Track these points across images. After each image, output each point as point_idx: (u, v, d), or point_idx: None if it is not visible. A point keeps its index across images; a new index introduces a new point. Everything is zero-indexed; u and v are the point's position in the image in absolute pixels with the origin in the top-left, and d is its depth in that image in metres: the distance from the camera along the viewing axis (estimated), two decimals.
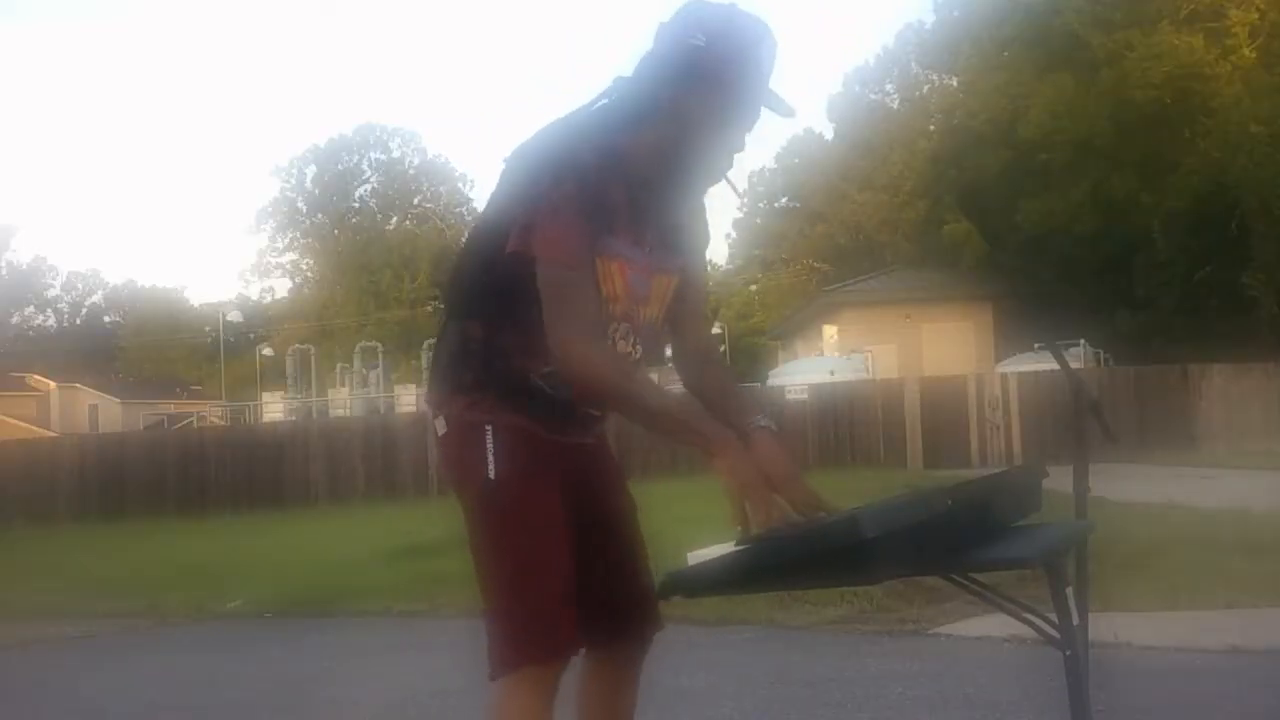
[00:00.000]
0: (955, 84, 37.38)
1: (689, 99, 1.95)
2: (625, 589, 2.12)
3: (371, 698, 4.73)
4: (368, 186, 65.53)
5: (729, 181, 2.09)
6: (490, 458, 2.01)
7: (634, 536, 2.20)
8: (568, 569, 1.99)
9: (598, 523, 2.12)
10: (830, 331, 27.95)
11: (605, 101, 2.04)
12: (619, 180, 1.98)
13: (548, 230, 1.91)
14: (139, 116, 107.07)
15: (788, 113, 1.99)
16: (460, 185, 67.01)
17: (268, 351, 48.79)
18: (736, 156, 2.04)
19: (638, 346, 2.09)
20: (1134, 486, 10.74)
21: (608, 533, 2.14)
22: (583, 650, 2.10)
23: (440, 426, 2.09)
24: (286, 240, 66.10)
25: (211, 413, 43.32)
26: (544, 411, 2.03)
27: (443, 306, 2.17)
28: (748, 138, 2.03)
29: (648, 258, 2.05)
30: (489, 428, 2.01)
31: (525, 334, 1.97)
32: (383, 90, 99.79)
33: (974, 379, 19.47)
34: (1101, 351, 23.95)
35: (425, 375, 2.15)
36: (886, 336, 27.72)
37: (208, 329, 62.10)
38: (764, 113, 2.00)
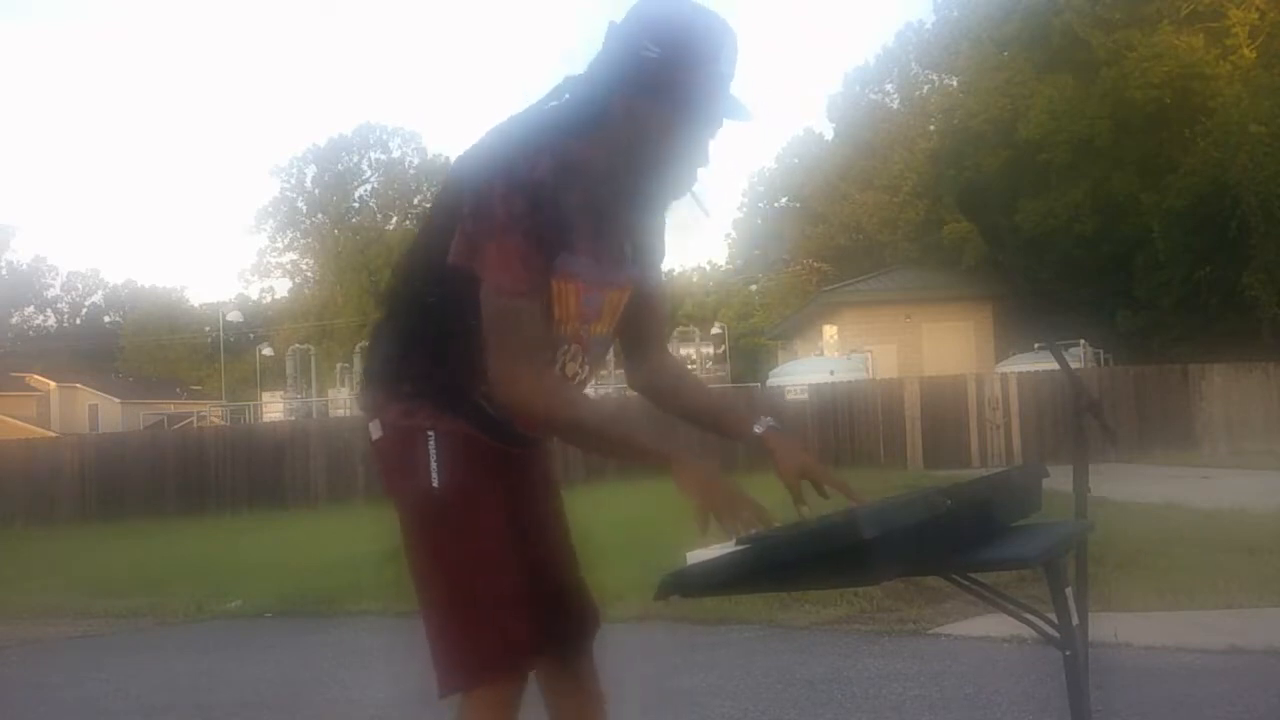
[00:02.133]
0: (955, 84, 37.36)
1: (643, 108, 1.85)
2: (567, 591, 2.09)
3: (371, 698, 4.74)
4: (368, 186, 65.56)
5: (695, 198, 2.00)
6: (434, 464, 1.92)
7: (567, 535, 2.16)
8: (519, 578, 1.93)
9: (536, 526, 2.08)
10: (830, 331, 27.94)
11: (556, 103, 1.94)
12: (574, 191, 1.87)
13: (494, 253, 1.82)
14: (139, 116, 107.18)
15: (746, 117, 1.89)
16: None
17: (268, 351, 48.80)
18: (701, 171, 1.94)
19: (585, 365, 2.03)
20: (1134, 486, 10.74)
21: (545, 536, 2.10)
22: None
23: (375, 431, 2.01)
24: (286, 240, 66.13)
25: (211, 413, 43.31)
26: (483, 424, 1.95)
27: (382, 306, 2.09)
28: (711, 150, 1.92)
29: (603, 274, 1.96)
30: (431, 434, 1.93)
31: (466, 348, 1.89)
32: (383, 90, 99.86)
33: (974, 379, 19.48)
34: (1101, 351, 23.95)
35: (362, 375, 2.07)
36: (886, 336, 27.73)
37: (208, 329, 62.14)
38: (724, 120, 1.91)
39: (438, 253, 1.91)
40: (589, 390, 2.13)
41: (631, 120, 1.87)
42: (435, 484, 1.93)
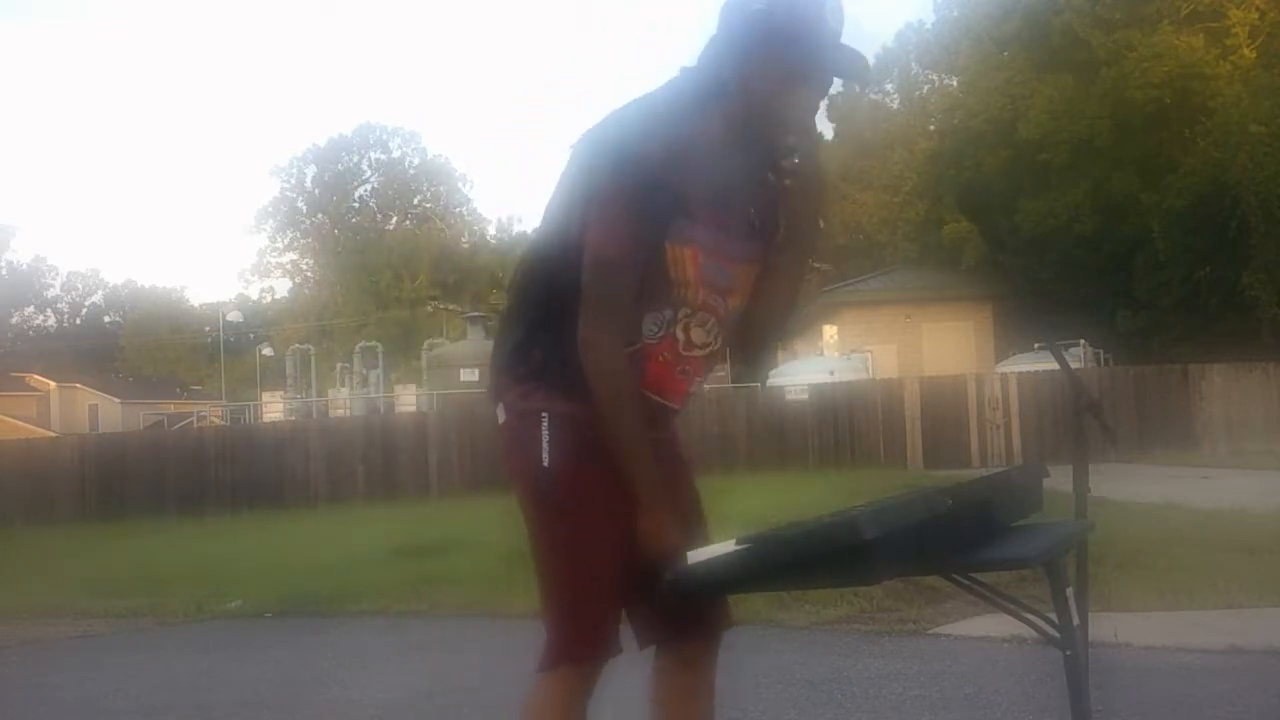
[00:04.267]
0: (955, 84, 37.35)
1: (755, 66, 1.91)
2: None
3: (371, 698, 4.73)
4: (368, 186, 65.60)
5: (857, 72, 1.97)
6: (545, 446, 1.95)
7: (698, 530, 2.12)
8: (615, 567, 1.94)
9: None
10: (830, 331, 27.93)
11: (672, 90, 1.99)
12: (691, 166, 1.90)
13: (597, 221, 1.89)
14: (139, 116, 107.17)
15: (861, 73, 1.94)
16: (460, 185, 67.12)
17: (268, 351, 48.80)
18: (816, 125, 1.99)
19: (718, 338, 2.05)
20: (1134, 486, 10.74)
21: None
22: (653, 650, 2.08)
23: (500, 415, 2.05)
24: (286, 240, 66.15)
25: (211, 413, 43.29)
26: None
27: (508, 295, 2.13)
28: (823, 105, 1.98)
29: (731, 245, 1.99)
30: (545, 415, 1.96)
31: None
32: (383, 90, 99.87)
33: (974, 379, 19.47)
34: (1101, 351, 23.95)
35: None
36: (886, 336, 27.72)
37: (208, 329, 62.15)
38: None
39: (551, 237, 1.98)
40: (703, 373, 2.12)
41: (746, 80, 1.92)
42: (545, 465, 1.96)
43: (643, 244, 1.89)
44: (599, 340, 1.89)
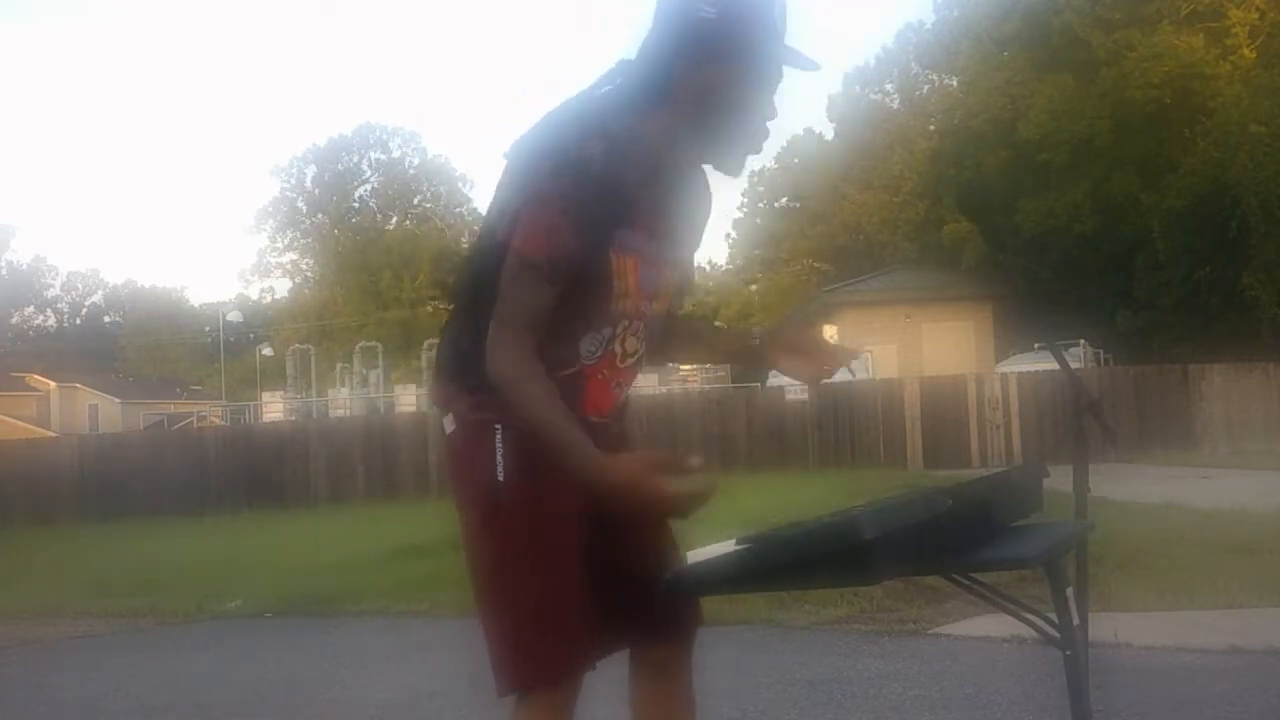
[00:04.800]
0: (955, 84, 37.36)
1: (705, 74, 1.86)
2: (653, 586, 1.96)
3: (371, 698, 4.73)
4: (368, 186, 65.58)
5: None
6: (499, 458, 1.88)
7: (660, 531, 2.07)
8: (576, 580, 1.88)
9: (619, 519, 1.97)
10: (830, 331, 27.94)
11: (610, 87, 1.93)
12: (632, 169, 1.85)
13: (526, 222, 1.82)
14: (139, 116, 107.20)
15: (811, 66, 1.90)
16: (460, 185, 67.09)
17: (268, 351, 48.83)
18: (771, 124, 1.94)
19: (644, 343, 2.01)
20: (1134, 486, 10.74)
21: (633, 528, 2.00)
22: (627, 655, 2.03)
23: (449, 424, 1.98)
24: (286, 240, 66.14)
25: (211, 413, 43.30)
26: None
27: (450, 301, 2.07)
28: (776, 102, 1.92)
29: (661, 249, 1.95)
30: (498, 427, 1.88)
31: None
32: (383, 90, 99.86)
33: (974, 379, 19.48)
34: (1101, 351, 23.95)
35: (427, 372, 2.05)
36: (886, 336, 27.72)
37: (208, 329, 62.16)
38: (787, 72, 1.91)
39: (491, 242, 1.91)
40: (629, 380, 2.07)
41: (697, 86, 1.87)
42: (500, 479, 1.88)
43: (574, 250, 1.81)
44: (504, 342, 1.81)
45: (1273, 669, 4.30)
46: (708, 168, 2.03)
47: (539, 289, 1.82)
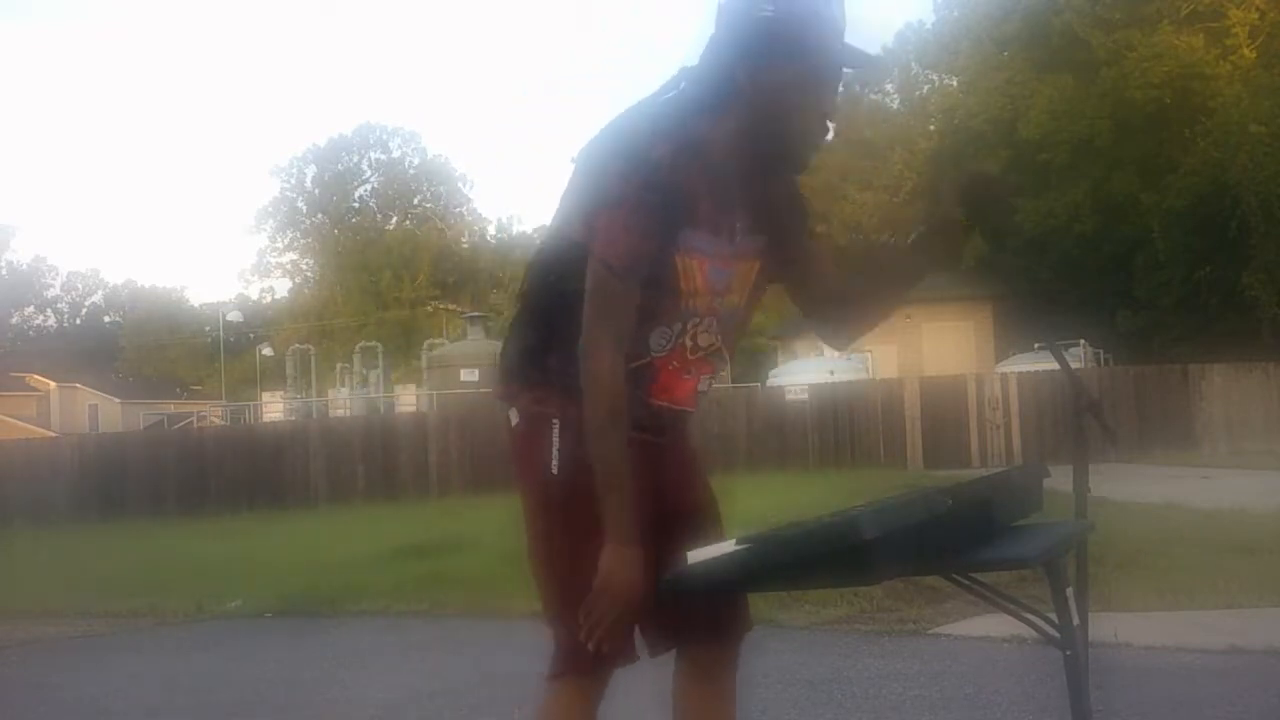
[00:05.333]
0: (955, 84, 37.35)
1: (767, 74, 1.88)
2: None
3: (371, 698, 4.73)
4: (368, 186, 65.56)
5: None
6: (555, 452, 1.95)
7: (714, 532, 2.11)
8: None
9: (676, 518, 2.04)
10: None
11: (673, 92, 1.97)
12: (698, 171, 1.90)
13: (604, 227, 1.87)
14: (139, 116, 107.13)
15: (867, 63, 1.94)
16: (460, 185, 67.08)
17: (268, 351, 48.81)
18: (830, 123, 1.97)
19: (718, 336, 2.05)
20: (1134, 486, 10.74)
21: (686, 528, 2.04)
22: (673, 653, 2.07)
23: (513, 418, 2.04)
24: (286, 240, 66.12)
25: (211, 413, 43.30)
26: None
27: (519, 299, 2.10)
28: (836, 102, 1.95)
29: (730, 246, 1.99)
30: (556, 422, 1.95)
31: None
32: (383, 90, 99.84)
33: (974, 379, 19.47)
34: (1101, 351, 23.95)
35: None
36: (886, 336, 27.69)
37: (208, 329, 62.13)
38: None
39: (567, 244, 1.96)
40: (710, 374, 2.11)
41: (759, 88, 1.89)
42: (554, 472, 1.95)
43: (649, 251, 1.87)
44: (600, 350, 1.86)
45: (1273, 669, 4.30)
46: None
47: (624, 292, 1.87)
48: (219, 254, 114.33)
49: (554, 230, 2.04)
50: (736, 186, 1.97)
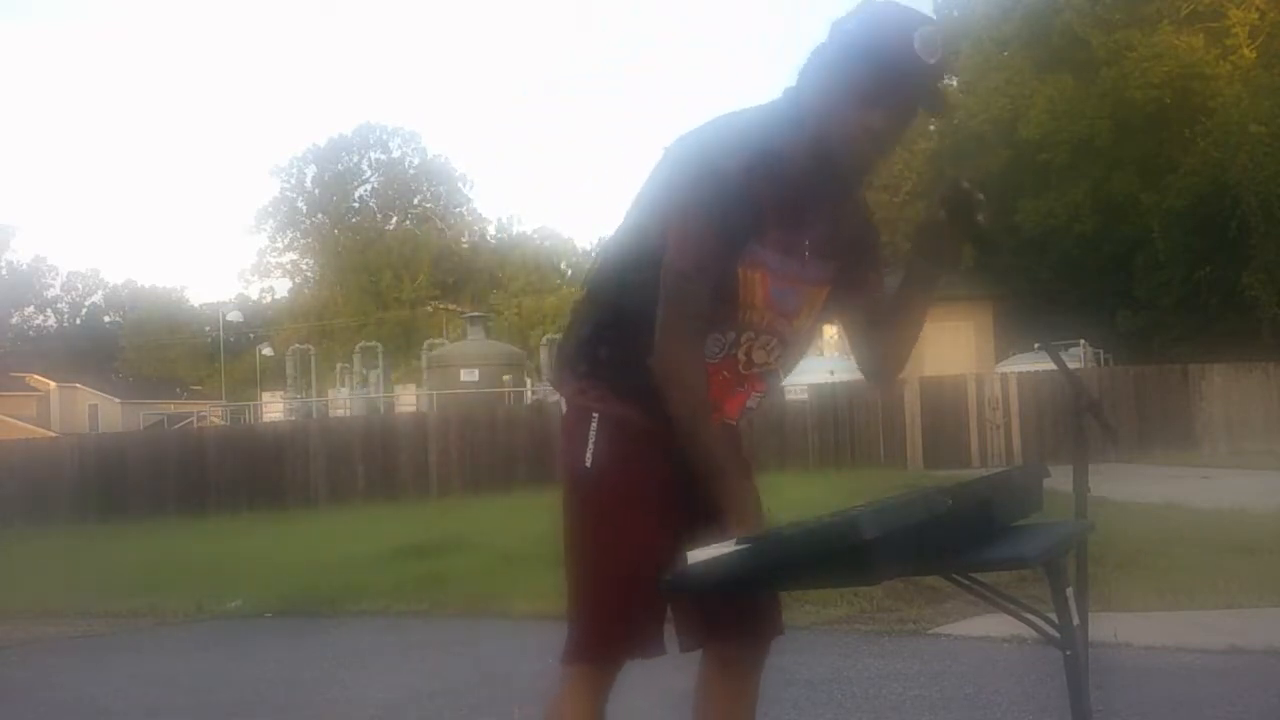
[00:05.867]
0: (955, 84, 37.35)
1: (848, 114, 1.88)
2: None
3: (371, 698, 4.73)
4: (368, 186, 65.59)
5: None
6: (590, 445, 1.98)
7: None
8: (639, 571, 1.93)
9: (709, 516, 2.02)
10: (830, 331, 27.91)
11: (771, 103, 2.00)
12: (772, 185, 1.91)
13: (677, 231, 1.89)
14: (139, 116, 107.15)
15: (946, 111, 2.00)
16: (460, 185, 67.12)
17: (268, 351, 48.83)
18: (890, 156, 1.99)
19: (778, 357, 2.07)
20: (1134, 486, 10.74)
21: (719, 526, 2.02)
22: (700, 651, 2.10)
23: (563, 407, 2.08)
24: (286, 240, 66.15)
25: (211, 413, 43.30)
26: (657, 410, 1.93)
27: (583, 288, 2.13)
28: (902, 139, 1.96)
29: (799, 268, 2.00)
30: (595, 415, 1.99)
31: (651, 333, 1.93)
32: (383, 90, 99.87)
33: (974, 379, 19.48)
34: (1101, 351, 23.94)
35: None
36: None
37: (208, 329, 62.16)
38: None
39: (637, 235, 1.97)
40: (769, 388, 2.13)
41: (835, 124, 1.89)
42: (588, 464, 1.98)
43: (718, 260, 1.89)
44: (676, 352, 1.89)
45: (1273, 669, 4.30)
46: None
47: (695, 296, 1.89)
48: (219, 254, 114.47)
49: (624, 224, 2.05)
50: (808, 207, 1.98)
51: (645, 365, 1.92)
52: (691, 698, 2.18)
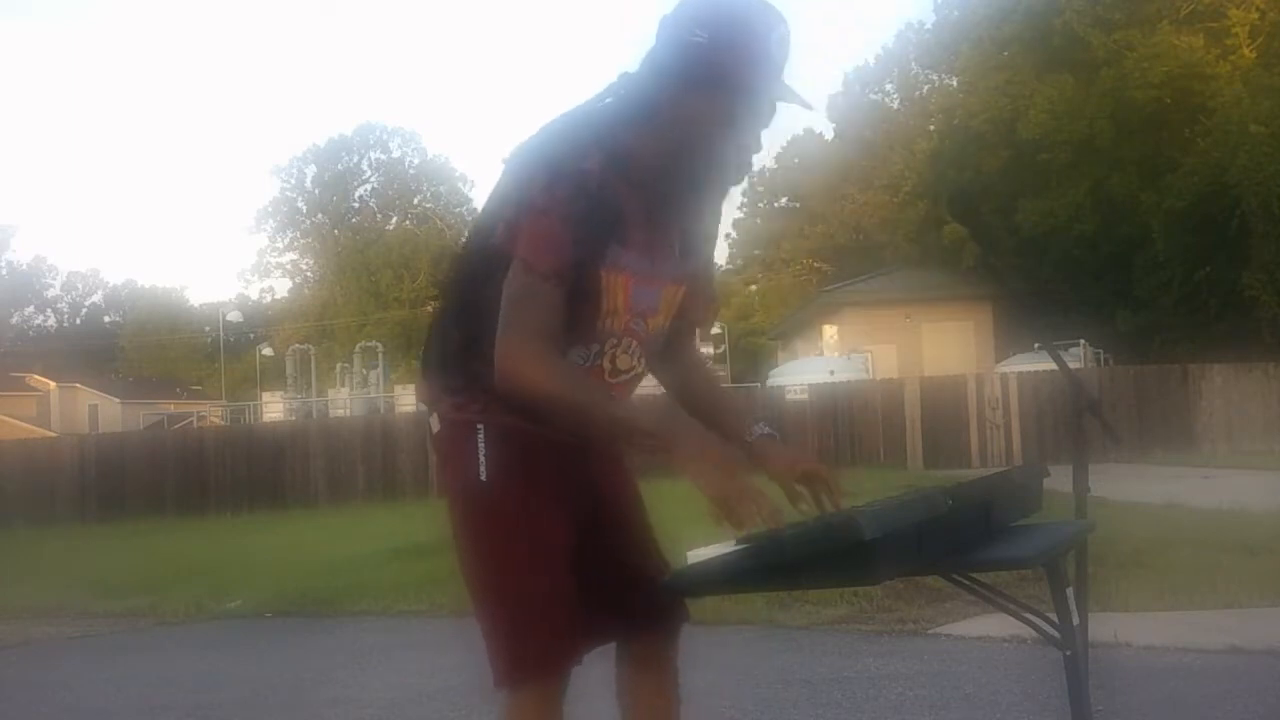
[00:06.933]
0: (955, 84, 37.35)
1: (692, 99, 1.82)
2: (638, 581, 2.01)
3: (371, 698, 4.73)
4: (368, 186, 65.52)
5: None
6: (481, 459, 1.92)
7: (642, 526, 2.11)
8: (561, 576, 1.91)
9: (603, 515, 2.03)
10: (830, 331, 27.94)
11: (610, 99, 1.93)
12: (626, 185, 1.87)
13: (527, 233, 1.82)
14: (139, 116, 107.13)
15: (805, 105, 1.88)
16: (460, 185, 67.01)
17: (268, 351, 48.83)
18: (754, 156, 1.92)
19: (639, 360, 2.01)
20: (1134, 486, 10.74)
21: (614, 524, 2.05)
22: (614, 648, 2.05)
23: (434, 424, 2.01)
24: (286, 240, 66.10)
25: (211, 413, 43.30)
26: (538, 416, 1.88)
27: (439, 302, 2.10)
28: (763, 135, 1.89)
29: (657, 267, 1.95)
30: (480, 428, 1.92)
31: None
32: (383, 90, 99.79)
33: (974, 379, 19.47)
34: (1101, 351, 23.95)
35: (417, 369, 2.05)
36: (886, 336, 27.72)
37: (208, 329, 62.15)
38: (780, 106, 1.88)
39: (482, 246, 1.93)
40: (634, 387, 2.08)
41: (681, 112, 1.84)
42: (482, 478, 1.92)
43: (572, 261, 1.82)
44: (518, 352, 1.80)
45: (1273, 669, 4.30)
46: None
47: (551, 301, 1.82)
48: (219, 254, 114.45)
49: (478, 229, 2.00)
50: (663, 205, 1.93)
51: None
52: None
